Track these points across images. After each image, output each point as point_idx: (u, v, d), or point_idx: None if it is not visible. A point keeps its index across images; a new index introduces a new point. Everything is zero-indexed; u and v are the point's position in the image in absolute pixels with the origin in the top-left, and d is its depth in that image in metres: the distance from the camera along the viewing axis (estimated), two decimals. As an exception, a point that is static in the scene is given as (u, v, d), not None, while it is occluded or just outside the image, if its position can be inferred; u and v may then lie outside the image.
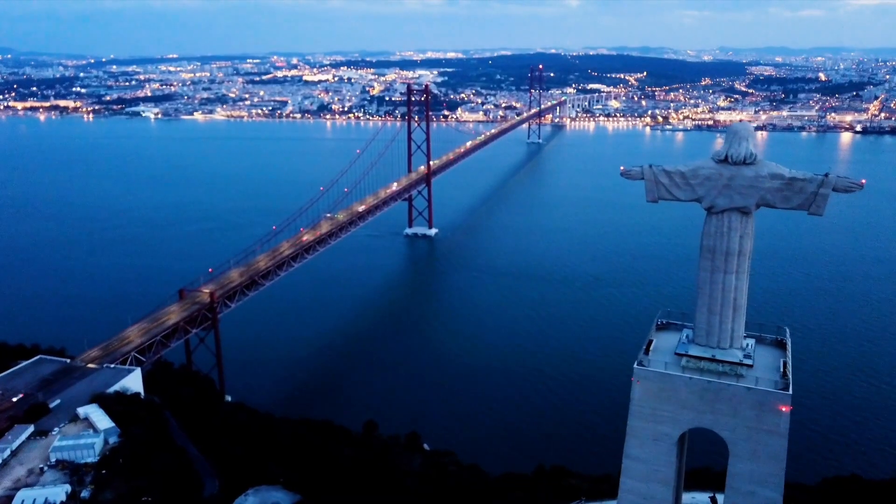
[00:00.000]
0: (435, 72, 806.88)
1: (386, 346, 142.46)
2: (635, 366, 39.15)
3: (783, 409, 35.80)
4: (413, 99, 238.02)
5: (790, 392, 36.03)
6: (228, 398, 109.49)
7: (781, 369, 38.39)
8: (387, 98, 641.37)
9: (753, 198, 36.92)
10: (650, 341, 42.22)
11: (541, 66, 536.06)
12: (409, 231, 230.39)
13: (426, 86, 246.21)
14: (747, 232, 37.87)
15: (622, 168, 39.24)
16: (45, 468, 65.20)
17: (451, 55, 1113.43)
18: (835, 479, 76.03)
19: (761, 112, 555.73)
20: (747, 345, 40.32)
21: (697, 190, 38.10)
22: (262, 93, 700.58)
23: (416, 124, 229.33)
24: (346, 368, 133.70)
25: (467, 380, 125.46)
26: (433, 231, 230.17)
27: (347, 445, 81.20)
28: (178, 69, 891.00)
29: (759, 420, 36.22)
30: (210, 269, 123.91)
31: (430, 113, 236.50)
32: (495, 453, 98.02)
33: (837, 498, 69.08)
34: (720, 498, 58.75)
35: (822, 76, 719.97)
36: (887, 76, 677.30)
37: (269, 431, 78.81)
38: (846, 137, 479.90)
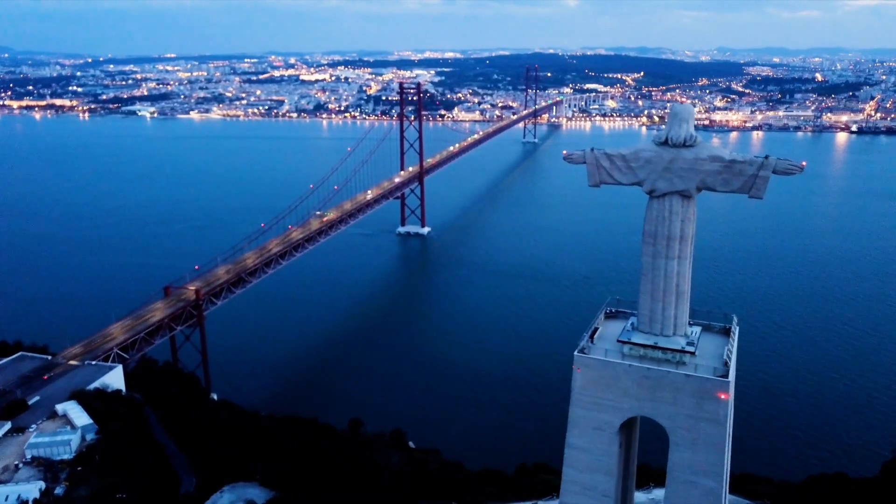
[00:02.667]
0: (432, 71, 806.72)
1: (375, 345, 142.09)
2: (576, 353, 38.58)
3: (722, 397, 35.09)
4: (407, 98, 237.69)
5: (729, 379, 35.34)
6: (214, 396, 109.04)
7: (725, 357, 37.70)
8: (383, 98, 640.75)
9: (693, 181, 36.17)
10: (595, 329, 41.75)
11: (536, 66, 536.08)
12: (401, 229, 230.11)
13: (418, 84, 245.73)
14: (689, 216, 37.16)
15: (564, 152, 38.81)
16: (21, 465, 64.68)
17: (448, 55, 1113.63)
18: (820, 476, 76.05)
19: (757, 112, 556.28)
20: (692, 332, 39.66)
21: (638, 173, 37.39)
22: (258, 92, 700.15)
23: (409, 123, 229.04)
24: (334, 367, 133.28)
25: (456, 378, 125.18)
26: (426, 230, 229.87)
27: (331, 442, 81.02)
28: (176, 68, 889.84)
29: (698, 408, 35.53)
30: (196, 267, 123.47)
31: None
32: (480, 451, 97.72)
33: (823, 496, 68.97)
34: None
35: (818, 76, 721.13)
36: (884, 76, 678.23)
37: (249, 429, 78.48)
38: (842, 137, 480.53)
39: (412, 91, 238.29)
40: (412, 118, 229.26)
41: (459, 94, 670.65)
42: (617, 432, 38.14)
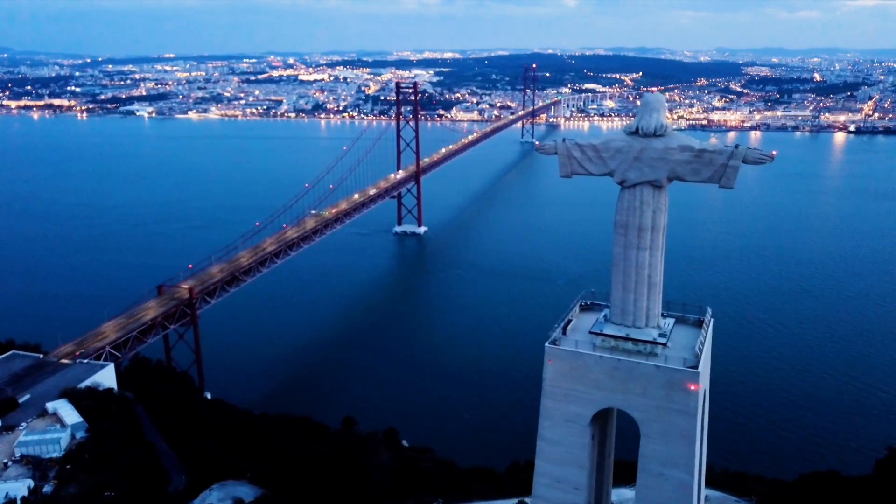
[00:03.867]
0: (431, 71, 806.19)
1: (370, 344, 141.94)
2: (547, 345, 38.37)
3: (692, 388, 34.76)
4: (405, 98, 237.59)
5: (699, 370, 35.03)
6: (208, 395, 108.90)
7: (697, 348, 37.29)
8: (382, 98, 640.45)
9: (664, 171, 35.89)
10: (569, 321, 41.54)
11: (534, 66, 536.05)
12: (398, 229, 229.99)
13: (415, 84, 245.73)
14: (660, 206, 36.85)
15: (537, 143, 38.71)
16: (10, 463, 64.58)
17: (447, 55, 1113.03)
18: (812, 475, 75.91)
19: (756, 112, 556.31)
20: (665, 324, 39.41)
21: (609, 163, 37.18)
22: (257, 92, 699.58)
23: (406, 123, 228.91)
24: (329, 366, 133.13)
25: (451, 377, 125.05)
26: (422, 229, 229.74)
27: (323, 441, 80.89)
28: (174, 69, 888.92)
29: (668, 399, 35.23)
30: (190, 266, 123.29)
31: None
32: (474, 449, 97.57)
33: (815, 494, 68.88)
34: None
35: (817, 77, 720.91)
36: (882, 76, 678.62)
37: (241, 427, 78.34)
38: (839, 137, 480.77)
39: (409, 91, 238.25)
40: (409, 118, 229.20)
41: (458, 94, 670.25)
42: (589, 424, 37.82)
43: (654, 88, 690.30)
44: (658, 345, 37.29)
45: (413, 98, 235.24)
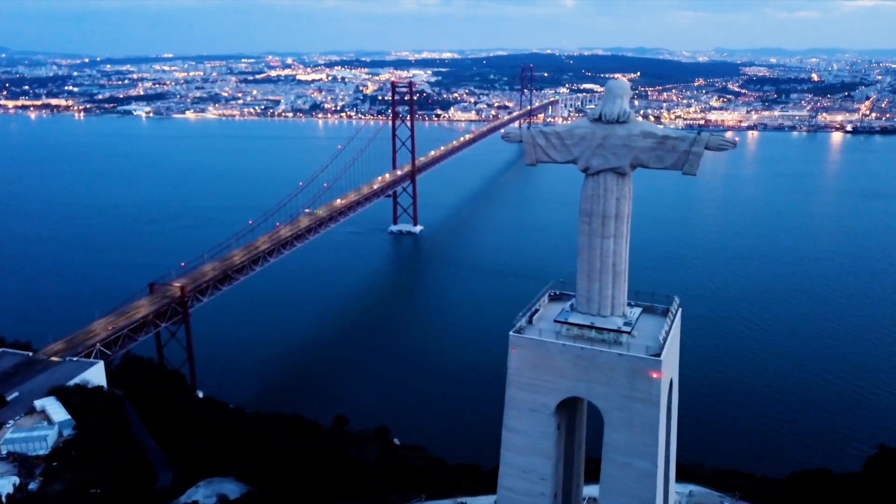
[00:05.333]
0: (429, 71, 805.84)
1: (365, 343, 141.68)
2: (511, 333, 38.12)
3: (655, 376, 34.49)
4: (402, 97, 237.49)
5: (661, 358, 34.72)
6: (200, 393, 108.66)
7: (661, 337, 36.93)
8: (380, 97, 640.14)
9: (627, 157, 35.68)
10: (536, 310, 41.36)
11: (531, 66, 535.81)
12: (393, 228, 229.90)
13: (410, 83, 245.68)
14: (624, 194, 36.69)
15: (503, 131, 38.55)
16: (-5, 460, 64.39)
17: (446, 55, 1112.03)
18: (804, 472, 75.82)
19: (753, 112, 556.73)
20: (631, 313, 39.18)
21: (573, 150, 36.93)
22: (255, 92, 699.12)
23: (402, 122, 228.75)
24: (322, 364, 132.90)
25: (445, 376, 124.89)
26: (418, 228, 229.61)
27: (313, 439, 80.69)
28: (173, 68, 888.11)
29: (631, 388, 34.97)
30: (183, 264, 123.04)
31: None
32: (466, 447, 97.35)
33: (806, 491, 68.83)
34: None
35: (814, 77, 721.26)
36: (879, 76, 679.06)
37: (230, 425, 78.15)
38: (836, 137, 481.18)
39: (406, 90, 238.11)
40: (406, 117, 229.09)
41: (456, 94, 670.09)
42: (553, 414, 37.51)
43: (653, 88, 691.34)
44: (622, 333, 37.00)
45: (405, 98, 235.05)
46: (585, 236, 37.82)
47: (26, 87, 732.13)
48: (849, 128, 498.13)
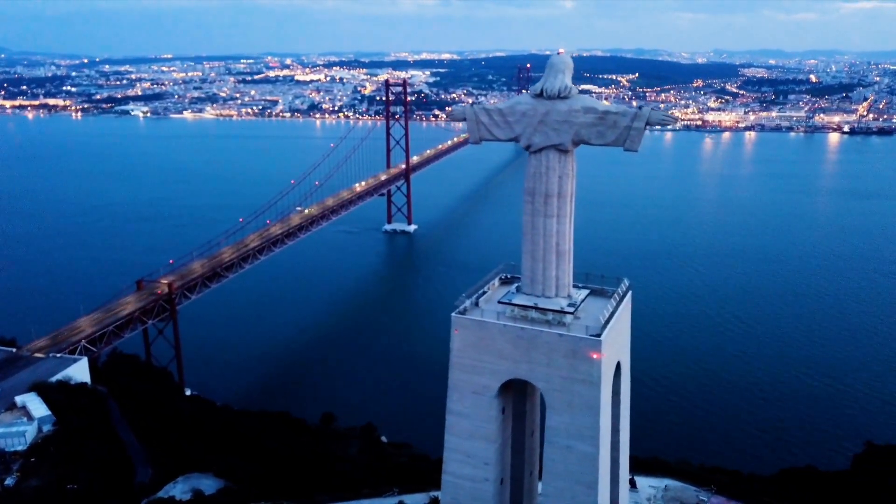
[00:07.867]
0: (427, 72, 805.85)
1: (356, 341, 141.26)
2: (453, 314, 37.46)
3: (595, 357, 33.90)
4: (398, 97, 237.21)
5: (602, 339, 34.09)
6: (188, 391, 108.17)
7: (602, 317, 36.18)
8: (378, 98, 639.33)
9: (568, 134, 35.06)
10: (483, 292, 40.84)
11: (528, 66, 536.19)
12: (387, 227, 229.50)
13: (404, 81, 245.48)
14: (567, 172, 36.07)
15: (448, 109, 38.17)
16: (-27, 456, 63.95)
17: (445, 56, 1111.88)
18: (791, 470, 75.73)
19: (750, 113, 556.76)
20: (577, 294, 38.48)
21: (515, 128, 36.30)
22: (253, 92, 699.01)
23: (396, 121, 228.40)
24: (312, 363, 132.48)
25: (436, 375, 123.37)
26: (412, 227, 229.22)
27: (297, 436, 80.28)
28: (172, 69, 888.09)
29: (572, 369, 34.32)
30: (171, 261, 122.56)
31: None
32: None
33: (794, 488, 68.55)
34: (638, 480, 57.67)
35: (812, 78, 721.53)
36: (877, 78, 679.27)
37: (212, 421, 77.74)
38: (833, 138, 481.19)
39: (401, 90, 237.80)
40: (401, 117, 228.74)
41: (454, 95, 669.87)
42: (496, 396, 36.86)
43: (651, 89, 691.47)
44: (566, 314, 36.22)
45: (400, 97, 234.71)
46: (529, 216, 37.12)
47: (24, 88, 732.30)
48: (846, 129, 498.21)
